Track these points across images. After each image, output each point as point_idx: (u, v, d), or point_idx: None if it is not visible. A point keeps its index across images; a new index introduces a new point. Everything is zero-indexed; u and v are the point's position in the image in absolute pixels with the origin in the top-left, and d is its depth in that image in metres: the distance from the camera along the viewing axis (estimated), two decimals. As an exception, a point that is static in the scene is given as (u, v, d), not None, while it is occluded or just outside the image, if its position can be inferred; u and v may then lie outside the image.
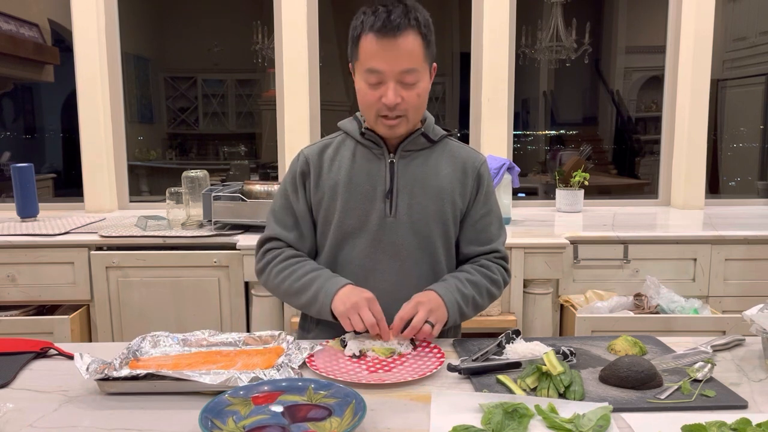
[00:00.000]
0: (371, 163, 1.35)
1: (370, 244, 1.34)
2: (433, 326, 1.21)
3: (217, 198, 2.33)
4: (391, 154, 1.35)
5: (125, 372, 1.05)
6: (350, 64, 1.32)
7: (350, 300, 1.22)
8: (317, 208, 1.38)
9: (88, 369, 1.05)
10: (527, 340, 1.21)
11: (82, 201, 2.94)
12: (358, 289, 1.25)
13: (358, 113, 1.39)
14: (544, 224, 2.63)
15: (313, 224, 1.40)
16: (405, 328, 1.21)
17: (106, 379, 1.04)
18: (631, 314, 2.14)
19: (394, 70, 1.23)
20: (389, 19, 1.20)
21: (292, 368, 1.09)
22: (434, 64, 1.32)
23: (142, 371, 1.04)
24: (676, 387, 1.04)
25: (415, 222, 1.34)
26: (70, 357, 1.20)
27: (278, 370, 1.07)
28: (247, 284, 2.28)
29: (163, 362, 1.14)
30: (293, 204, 1.39)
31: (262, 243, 1.41)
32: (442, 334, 1.34)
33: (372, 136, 1.35)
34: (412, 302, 1.23)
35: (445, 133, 1.40)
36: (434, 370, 1.12)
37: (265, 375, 1.04)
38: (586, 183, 2.89)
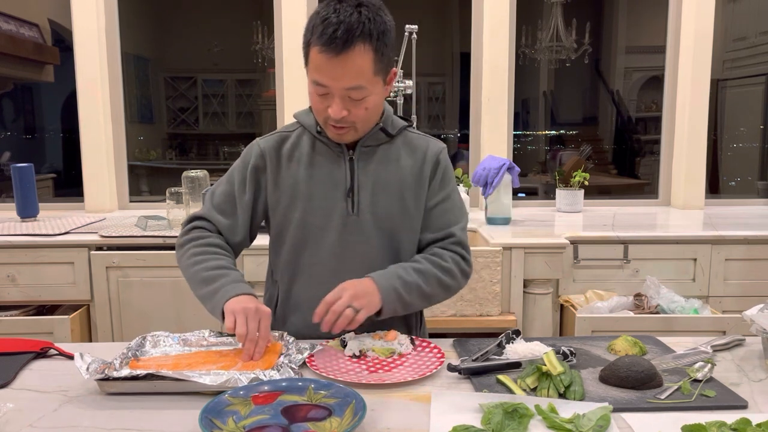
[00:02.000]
0: (331, 161, 1.32)
1: (335, 244, 1.31)
2: (357, 311, 1.16)
3: (217, 198, 2.33)
4: (351, 151, 1.32)
5: (125, 372, 1.04)
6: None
7: (246, 305, 1.17)
8: (275, 207, 1.34)
9: (88, 369, 1.05)
10: (527, 340, 1.21)
11: (82, 201, 2.94)
12: (259, 302, 1.20)
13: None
14: (544, 224, 2.63)
15: (251, 222, 1.36)
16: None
17: (106, 379, 1.03)
18: (631, 314, 2.14)
19: (339, 87, 1.18)
20: (335, 35, 1.13)
21: (292, 368, 1.09)
22: (393, 70, 1.27)
23: (142, 371, 1.04)
24: (676, 387, 1.04)
25: (378, 219, 1.31)
26: (70, 357, 1.20)
27: (278, 370, 1.07)
28: (247, 284, 2.28)
29: (163, 362, 1.13)
30: (236, 194, 1.35)
31: (191, 219, 1.37)
32: (399, 326, 1.33)
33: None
34: (338, 288, 1.19)
35: (404, 124, 1.37)
36: (434, 370, 1.12)
37: (265, 375, 1.04)
38: (586, 183, 2.89)
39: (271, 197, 1.34)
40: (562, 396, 1.01)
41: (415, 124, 1.51)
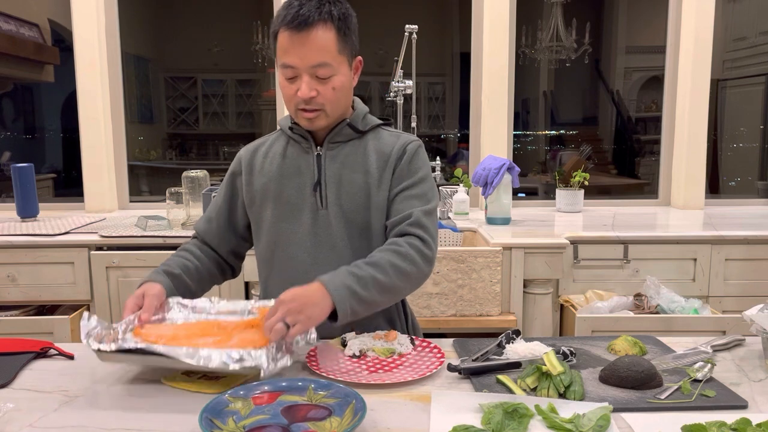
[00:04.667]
0: (300, 158, 1.36)
1: (307, 239, 1.33)
2: (288, 327, 1.08)
3: (217, 198, 2.33)
4: (319, 147, 1.35)
5: (114, 345, 1.05)
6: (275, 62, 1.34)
7: (138, 292, 1.23)
8: (250, 206, 1.39)
9: (88, 334, 1.07)
10: (527, 340, 1.21)
11: (82, 201, 2.94)
12: (148, 285, 1.24)
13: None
14: (544, 224, 2.63)
15: (231, 225, 1.43)
16: None
17: (99, 350, 1.05)
18: (631, 314, 2.14)
19: (305, 64, 1.23)
20: (299, 14, 1.21)
21: (288, 346, 1.09)
22: (358, 58, 1.32)
23: (132, 345, 1.05)
24: (676, 387, 1.04)
25: (346, 212, 1.32)
26: (71, 357, 1.20)
27: (271, 350, 1.06)
28: (247, 284, 2.28)
29: (164, 332, 1.13)
30: (217, 198, 1.45)
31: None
32: (379, 320, 1.34)
33: (299, 130, 1.35)
34: (277, 301, 1.12)
35: (378, 122, 1.38)
36: (434, 370, 1.12)
37: (250, 355, 1.04)
38: (586, 183, 2.89)
39: (246, 199, 1.40)
40: (562, 396, 1.01)
41: (415, 125, 1.51)
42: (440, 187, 2.75)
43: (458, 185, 2.82)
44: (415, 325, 1.48)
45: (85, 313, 1.12)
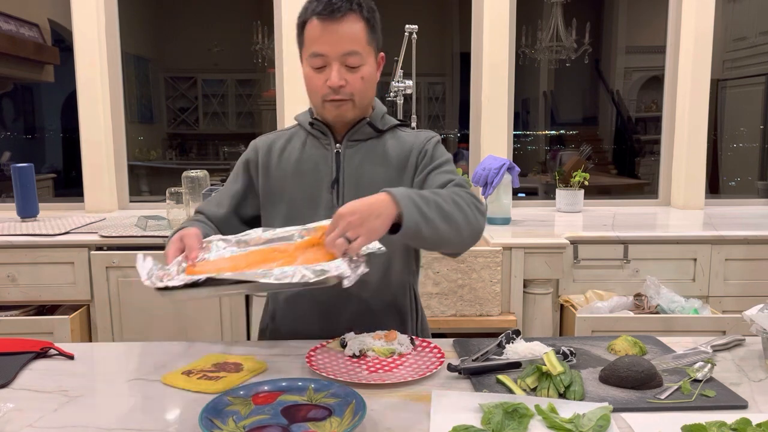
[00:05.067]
0: (318, 154, 1.35)
1: None
2: (350, 241, 1.03)
3: (217, 198, 2.33)
4: (338, 144, 1.35)
5: (183, 278, 0.99)
6: (300, 54, 1.33)
7: (174, 238, 1.19)
8: (264, 199, 1.38)
9: (149, 274, 1.01)
10: (527, 340, 1.21)
11: (82, 201, 2.94)
12: (184, 230, 1.19)
13: (312, 105, 1.39)
14: (544, 224, 2.63)
15: (240, 213, 1.39)
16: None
17: (165, 288, 0.99)
18: (631, 314, 2.14)
19: (336, 52, 1.24)
20: (330, 2, 1.22)
21: (354, 257, 1.02)
22: (381, 54, 1.33)
23: (201, 276, 0.98)
24: (676, 387, 1.04)
25: None
26: (71, 357, 1.20)
27: (348, 260, 0.99)
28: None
29: (222, 265, 1.06)
30: (228, 184, 1.42)
31: (194, 213, 1.44)
32: (393, 316, 1.32)
33: (320, 126, 1.35)
34: (336, 215, 1.06)
35: (396, 122, 1.39)
36: (434, 370, 1.12)
37: (329, 267, 0.97)
38: (586, 183, 2.89)
39: (261, 191, 1.38)
40: (562, 396, 1.01)
41: (414, 125, 1.50)
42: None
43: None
44: (424, 325, 1.47)
45: (139, 254, 1.07)
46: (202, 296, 1.02)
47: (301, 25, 1.27)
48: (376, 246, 1.06)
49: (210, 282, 0.98)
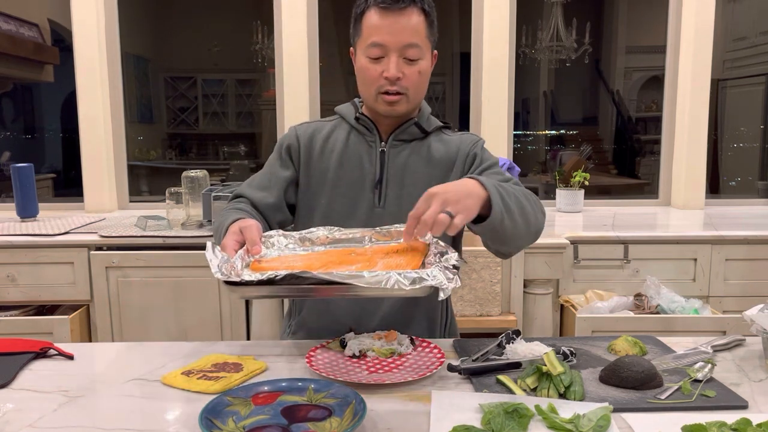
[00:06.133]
0: (362, 151, 1.33)
1: None
2: (453, 216, 0.99)
3: (216, 198, 2.33)
4: (383, 143, 1.33)
5: (265, 274, 0.91)
6: (351, 47, 1.32)
7: (233, 229, 1.12)
8: (304, 190, 1.34)
9: (219, 268, 0.95)
10: (527, 340, 1.21)
11: (82, 201, 2.94)
12: (241, 222, 1.13)
13: (356, 99, 1.38)
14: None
15: (285, 198, 1.35)
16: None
17: (240, 283, 0.92)
18: (632, 314, 2.14)
19: (397, 43, 1.22)
20: None
21: (448, 267, 0.94)
22: (435, 52, 1.31)
23: (281, 272, 0.91)
24: (676, 387, 1.04)
25: (404, 213, 1.25)
26: (70, 357, 1.20)
27: (443, 270, 0.92)
28: (247, 284, 2.28)
29: (292, 263, 1.01)
30: (273, 171, 1.35)
31: (232, 198, 1.38)
32: (422, 320, 1.29)
33: (365, 122, 1.33)
34: (425, 195, 1.03)
35: (440, 124, 1.37)
36: (434, 370, 1.12)
37: (428, 276, 0.90)
38: (587, 183, 2.89)
39: (301, 180, 1.35)
40: (562, 396, 1.01)
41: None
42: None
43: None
44: (453, 325, 1.45)
45: (209, 243, 1.01)
46: (276, 294, 0.96)
47: (359, 15, 1.26)
48: (459, 260, 1.01)
49: (288, 279, 0.91)
